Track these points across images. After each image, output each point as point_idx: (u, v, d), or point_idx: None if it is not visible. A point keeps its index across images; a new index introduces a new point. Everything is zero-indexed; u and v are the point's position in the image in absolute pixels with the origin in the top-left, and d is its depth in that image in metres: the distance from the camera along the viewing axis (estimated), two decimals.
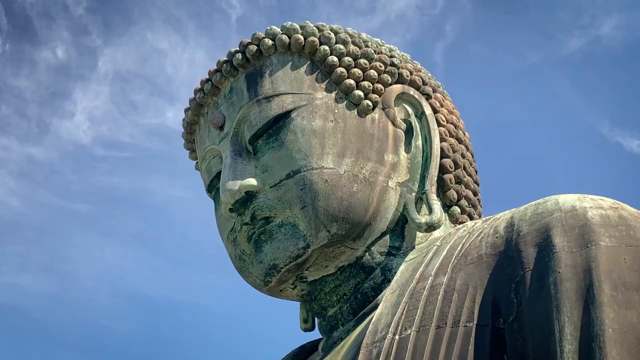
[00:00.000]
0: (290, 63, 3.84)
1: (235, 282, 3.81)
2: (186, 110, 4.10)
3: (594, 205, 3.06)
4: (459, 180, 3.89)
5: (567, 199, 3.12)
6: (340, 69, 3.82)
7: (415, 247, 3.65)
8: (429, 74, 4.13)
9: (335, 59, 3.84)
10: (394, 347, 3.01)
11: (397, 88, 3.92)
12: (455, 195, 3.87)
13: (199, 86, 4.01)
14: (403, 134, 3.83)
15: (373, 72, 3.86)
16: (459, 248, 3.26)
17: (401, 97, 3.91)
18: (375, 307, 3.44)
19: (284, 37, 3.85)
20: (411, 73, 3.99)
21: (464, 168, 3.93)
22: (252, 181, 3.62)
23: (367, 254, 3.63)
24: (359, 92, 3.80)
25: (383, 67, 3.90)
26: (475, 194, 3.98)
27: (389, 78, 3.90)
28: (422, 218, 3.63)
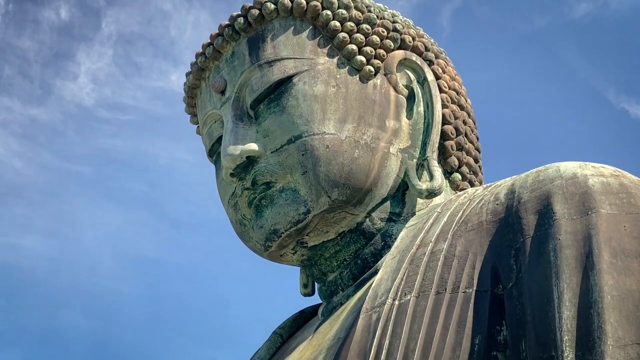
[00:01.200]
0: (293, 28, 3.82)
1: (237, 246, 3.83)
2: (187, 75, 4.09)
3: (595, 172, 3.06)
4: (460, 147, 3.88)
5: (568, 166, 3.12)
6: (343, 34, 3.80)
7: (416, 213, 3.66)
8: (432, 40, 4.11)
9: (338, 24, 3.82)
10: (394, 313, 3.02)
11: (400, 54, 3.90)
12: (457, 162, 3.87)
13: (201, 50, 3.99)
14: (405, 100, 3.82)
15: (375, 38, 3.84)
16: (459, 215, 3.26)
17: (403, 63, 3.89)
18: (375, 272, 3.45)
19: (286, 1, 3.83)
20: (414, 39, 3.97)
21: (466, 135, 3.93)
22: (253, 146, 3.62)
23: (367, 219, 3.64)
24: (361, 58, 3.78)
25: (385, 33, 3.88)
26: (476, 160, 3.98)
27: (392, 44, 3.89)
28: (423, 184, 3.63)
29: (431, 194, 3.61)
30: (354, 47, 3.79)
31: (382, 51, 3.84)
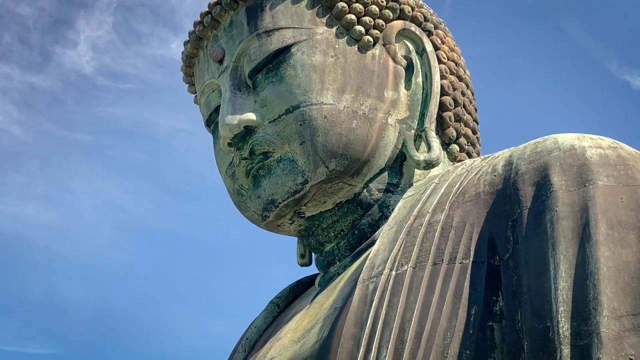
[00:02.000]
0: None
1: (236, 215, 3.83)
2: (185, 44, 4.07)
3: (593, 144, 3.06)
4: (458, 118, 3.88)
5: (566, 138, 3.12)
6: (342, 4, 3.78)
7: (413, 184, 3.66)
8: (431, 10, 4.09)
9: None
10: (390, 283, 3.03)
11: (399, 24, 3.89)
12: (455, 133, 3.87)
13: (199, 19, 3.97)
14: (403, 70, 3.81)
15: (374, 8, 3.83)
16: (457, 186, 3.27)
17: (402, 34, 3.88)
18: (372, 243, 3.46)
19: None
20: (413, 9, 3.95)
21: (464, 106, 3.92)
22: (251, 116, 3.61)
23: (365, 190, 3.64)
24: (360, 28, 3.76)
25: (384, 3, 3.86)
26: (474, 132, 3.98)
27: (391, 14, 3.87)
28: (421, 155, 3.63)
29: (429, 165, 3.61)
30: (353, 16, 3.78)
31: (381, 21, 3.82)
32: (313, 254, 3.90)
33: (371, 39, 3.76)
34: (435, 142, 3.67)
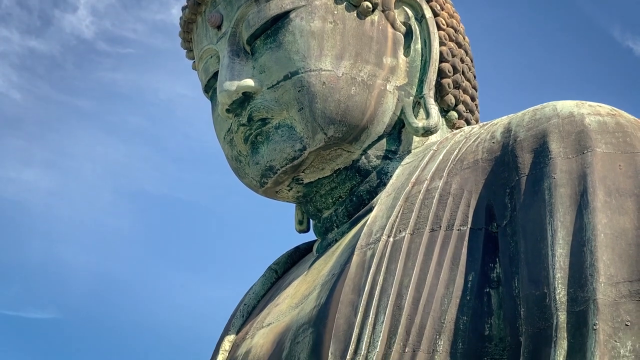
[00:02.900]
0: None
1: (236, 182, 3.83)
2: (183, 9, 4.05)
3: (592, 111, 3.06)
4: (457, 85, 3.87)
5: (565, 105, 3.12)
6: None
7: (412, 151, 3.66)
8: None
9: None
10: (388, 249, 3.05)
11: None
12: (453, 100, 3.86)
13: None
14: (402, 37, 3.79)
15: None
16: (455, 153, 3.27)
17: (401, 0, 3.86)
18: (370, 210, 3.47)
19: None
20: None
21: (463, 73, 3.91)
22: (250, 82, 3.60)
23: (363, 157, 3.64)
24: None
25: None
26: (473, 99, 3.96)
27: None
28: (419, 122, 3.63)
29: (427, 132, 3.61)
30: None
31: None
32: (311, 220, 3.91)
33: (370, 5, 3.74)
34: (434, 109, 3.66)
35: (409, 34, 3.81)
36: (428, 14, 3.85)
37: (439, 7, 3.92)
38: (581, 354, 2.53)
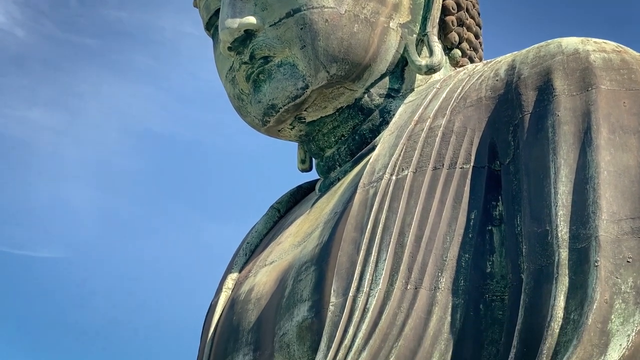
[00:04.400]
0: None
1: (240, 121, 3.81)
2: None
3: (597, 48, 3.04)
4: (461, 23, 3.82)
5: (570, 42, 3.10)
6: None
7: (415, 89, 3.64)
8: None
9: None
10: (391, 187, 3.05)
11: None
12: (457, 38, 3.82)
13: None
14: None
15: None
16: (458, 91, 3.25)
17: None
18: (373, 148, 3.46)
19: None
20: None
21: (467, 10, 3.86)
22: (252, 19, 3.56)
23: (365, 95, 3.62)
24: None
25: None
26: (477, 36, 3.93)
27: None
28: (423, 60, 3.60)
29: (430, 70, 3.58)
30: None
31: None
32: (313, 159, 3.91)
33: None
34: (437, 46, 3.63)
35: None
36: None
37: None
38: (582, 290, 2.55)
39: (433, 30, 3.67)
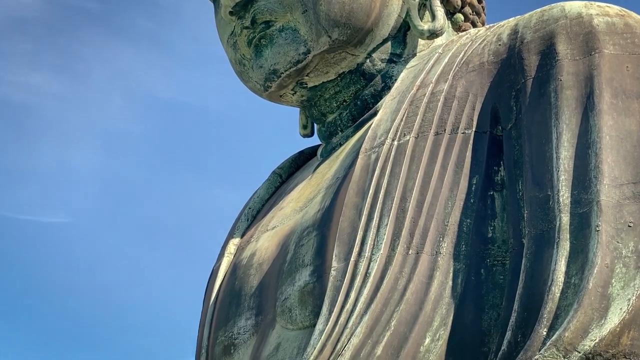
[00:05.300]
0: None
1: (242, 86, 3.79)
2: None
3: (600, 12, 3.02)
4: None
5: (574, 6, 3.08)
6: None
7: (417, 54, 3.63)
8: None
9: None
10: (393, 152, 3.05)
11: None
12: (459, 2, 3.79)
13: None
14: None
15: None
16: (460, 55, 3.24)
17: None
18: (375, 113, 3.46)
19: None
20: None
21: None
22: None
23: (367, 60, 3.61)
24: None
25: None
26: (479, 1, 3.90)
27: None
28: (425, 25, 3.58)
29: (433, 34, 3.56)
30: None
31: None
32: (315, 125, 3.90)
33: None
34: (440, 11, 3.61)
35: None
36: None
37: None
38: (583, 255, 2.56)
39: None
